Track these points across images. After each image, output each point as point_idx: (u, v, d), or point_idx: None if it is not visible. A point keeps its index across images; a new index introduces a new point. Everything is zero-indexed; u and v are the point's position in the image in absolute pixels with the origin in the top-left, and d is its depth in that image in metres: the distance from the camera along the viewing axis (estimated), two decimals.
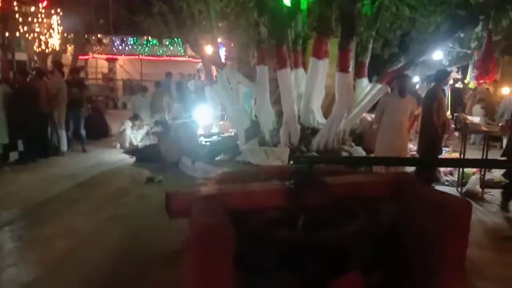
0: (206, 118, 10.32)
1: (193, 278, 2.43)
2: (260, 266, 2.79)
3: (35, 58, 12.40)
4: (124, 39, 20.84)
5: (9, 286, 3.06)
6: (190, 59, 19.86)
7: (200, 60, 14.71)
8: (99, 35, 20.08)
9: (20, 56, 8.99)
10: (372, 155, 6.05)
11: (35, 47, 11.84)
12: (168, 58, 20.57)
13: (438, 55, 12.34)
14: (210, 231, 2.32)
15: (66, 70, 10.40)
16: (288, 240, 2.67)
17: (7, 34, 9.70)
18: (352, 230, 2.75)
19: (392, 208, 3.23)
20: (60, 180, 6.43)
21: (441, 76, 6.13)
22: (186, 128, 8.72)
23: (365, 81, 7.71)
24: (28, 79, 8.23)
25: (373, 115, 7.99)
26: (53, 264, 3.46)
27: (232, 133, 9.22)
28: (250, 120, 7.89)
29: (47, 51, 12.07)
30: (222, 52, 12.11)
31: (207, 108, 10.43)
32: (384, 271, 2.86)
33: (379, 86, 7.36)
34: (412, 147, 8.15)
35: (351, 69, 6.70)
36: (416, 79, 17.03)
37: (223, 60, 8.84)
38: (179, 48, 20.44)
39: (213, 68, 9.97)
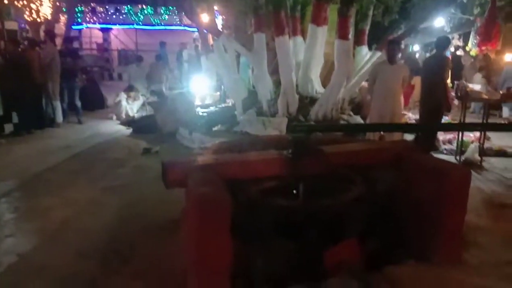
0: (203, 89, 10.18)
1: (191, 247, 2.42)
2: (257, 235, 2.79)
3: (27, 27, 12.08)
4: (119, 7, 20.33)
5: (7, 256, 3.05)
6: (186, 28, 19.45)
7: (196, 28, 14.42)
8: (92, 4, 19.56)
9: (10, 25, 8.73)
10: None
11: (26, 16, 11.52)
12: (163, 27, 20.13)
13: (439, 21, 12.05)
14: (207, 200, 2.29)
15: (59, 40, 10.17)
16: (286, 209, 2.65)
17: None
18: (349, 198, 2.74)
19: (389, 176, 3.22)
20: (56, 152, 6.38)
21: (443, 43, 5.98)
22: (182, 98, 8.60)
23: (364, 49, 7.55)
24: (20, 49, 8.03)
25: None
26: (50, 234, 3.45)
27: (230, 103, 9.12)
28: (248, 90, 7.77)
29: (38, 20, 11.74)
30: (219, 21, 11.83)
31: (204, 78, 10.28)
32: (380, 239, 2.87)
33: (379, 53, 7.22)
34: (411, 116, 8.09)
35: (350, 36, 6.53)
36: (416, 47, 16.75)
37: (219, 29, 8.63)
38: (175, 17, 19.98)
39: (210, 37, 9.76)
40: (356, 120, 6.77)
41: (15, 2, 10.80)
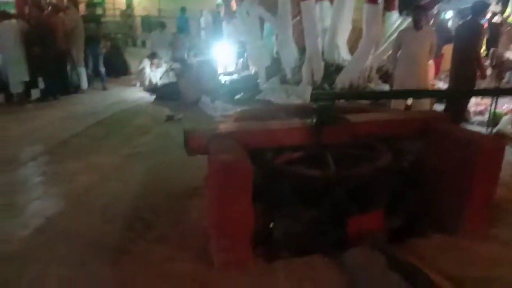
0: (225, 56, 10.03)
1: (213, 213, 2.43)
2: (279, 202, 2.77)
3: None
4: None
5: (34, 219, 3.13)
6: None
7: None
8: None
9: None
10: None
11: None
12: None
13: None
14: (229, 166, 2.27)
15: (82, 6, 10.13)
16: (309, 177, 2.60)
17: None
18: (373, 168, 2.66)
19: (417, 147, 3.11)
20: (81, 118, 6.46)
21: (479, 8, 5.62)
22: (205, 66, 8.52)
23: (395, 14, 7.20)
24: (44, 15, 8.05)
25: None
26: (76, 198, 3.52)
27: (252, 71, 8.97)
28: (271, 58, 7.60)
29: None
30: None
31: (226, 45, 10.11)
32: (405, 211, 2.80)
33: (409, 19, 6.88)
34: (442, 87, 7.77)
35: (380, 1, 6.22)
36: (449, 14, 15.92)
37: None
38: None
39: (233, 2, 9.52)
40: (384, 89, 6.54)
41: None
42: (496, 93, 4.97)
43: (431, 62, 5.37)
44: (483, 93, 5.38)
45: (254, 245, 2.52)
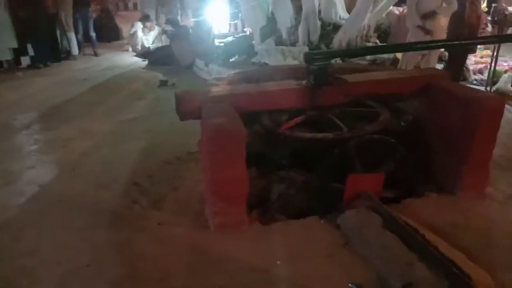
0: (220, 17, 9.74)
1: (208, 177, 2.39)
2: (274, 165, 2.74)
3: None
4: None
5: (29, 187, 3.11)
6: None
7: None
8: None
9: None
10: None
11: None
12: None
13: None
14: (221, 131, 2.21)
15: None
16: (304, 139, 2.55)
17: None
18: (370, 129, 2.61)
19: (416, 106, 3.05)
20: (73, 84, 6.35)
21: None
22: (199, 28, 8.28)
23: None
24: None
25: (400, 8, 7.39)
26: (70, 164, 3.49)
27: (247, 33, 8.74)
28: (266, 18, 7.36)
29: None
30: None
31: (220, 6, 9.80)
32: (403, 171, 2.77)
33: None
34: None
35: None
36: None
37: None
38: None
39: None
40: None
41: None
42: (496, 41, 4.84)
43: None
44: (484, 42, 5.23)
45: (250, 209, 2.51)
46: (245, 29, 9.41)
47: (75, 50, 8.39)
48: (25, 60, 7.58)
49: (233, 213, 2.36)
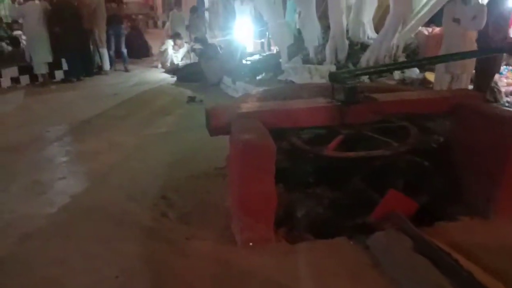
0: (247, 36, 9.88)
1: (235, 193, 2.40)
2: (302, 183, 2.72)
3: None
4: None
5: (59, 197, 3.19)
6: None
7: None
8: None
9: None
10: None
11: None
12: None
13: None
14: (251, 145, 2.22)
15: None
16: (332, 157, 2.53)
17: None
18: (400, 149, 2.57)
19: (446, 127, 2.99)
20: (104, 98, 6.53)
21: None
22: (227, 46, 8.42)
23: None
24: None
25: (430, 29, 7.32)
26: (99, 177, 3.56)
27: (274, 51, 8.82)
28: (294, 37, 7.42)
29: None
30: None
31: (247, 25, 9.95)
32: (433, 192, 2.71)
33: None
34: None
35: None
36: None
37: None
38: None
39: None
40: (411, 69, 6.32)
41: None
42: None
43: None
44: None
45: (277, 226, 2.49)
46: (272, 48, 9.50)
47: (107, 65, 8.66)
48: (59, 74, 7.87)
49: (260, 230, 2.35)
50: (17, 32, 9.50)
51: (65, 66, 7.85)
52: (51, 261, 2.36)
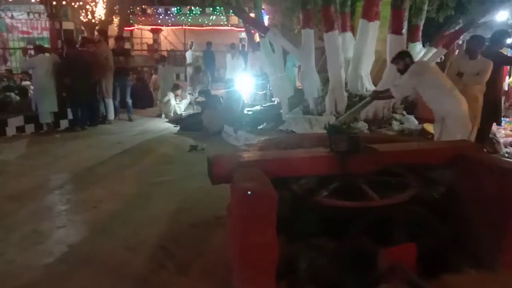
0: (248, 87, 10.17)
1: (235, 243, 2.36)
2: (303, 233, 2.68)
3: (82, 28, 12.70)
4: (168, 9, 20.85)
5: (58, 246, 3.15)
6: (233, 28, 19.62)
7: (242, 29, 14.43)
8: (143, 6, 20.19)
9: (67, 25, 9.19)
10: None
11: (81, 17, 12.11)
12: (210, 28, 20.41)
13: (502, 15, 11.21)
14: (252, 194, 2.22)
15: (111, 40, 10.56)
16: (334, 207, 2.52)
17: (54, 3, 9.93)
18: (402, 198, 2.57)
19: (448, 177, 3.00)
20: (107, 147, 6.60)
21: (498, 37, 5.61)
22: (229, 97, 8.64)
23: (419, 45, 7.18)
24: (76, 48, 8.41)
25: None
26: (99, 226, 3.52)
27: (275, 102, 9.04)
28: (294, 89, 7.64)
29: (93, 21, 12.30)
30: (266, 20, 11.80)
31: (249, 77, 10.27)
32: (437, 244, 2.66)
33: (434, 50, 6.86)
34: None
35: (404, 31, 6.23)
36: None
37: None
38: (222, 17, 20.19)
39: (256, 35, 9.74)
40: (409, 120, 6.43)
41: (72, 4, 11.37)
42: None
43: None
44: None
45: (279, 279, 2.43)
46: (273, 99, 9.74)
47: (111, 115, 8.82)
48: (64, 123, 8.00)
49: (262, 283, 2.28)
50: (25, 83, 9.80)
51: (70, 115, 8.00)
52: None
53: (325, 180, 2.81)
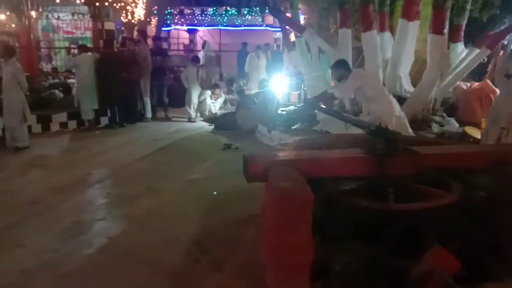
0: (283, 87, 10.15)
1: (269, 243, 2.37)
2: (338, 236, 2.65)
3: (122, 28, 13.11)
4: (204, 9, 21.15)
5: (98, 238, 3.27)
6: (268, 28, 19.65)
7: (278, 29, 14.44)
8: (180, 7, 20.58)
9: (109, 25, 9.52)
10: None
11: (122, 18, 12.50)
12: (246, 28, 20.53)
13: None
14: (288, 194, 2.21)
15: (150, 40, 10.82)
16: (372, 210, 2.48)
17: (97, 4, 10.31)
18: (442, 203, 2.49)
19: (490, 182, 2.88)
20: (144, 144, 6.78)
21: None
22: (263, 97, 8.66)
23: (460, 46, 6.93)
24: (116, 48, 8.67)
25: (468, 83, 7.26)
26: (137, 220, 3.63)
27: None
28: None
29: (133, 21, 12.67)
30: (301, 20, 11.74)
31: (283, 77, 10.26)
32: (477, 251, 2.57)
33: (477, 51, 6.60)
34: None
35: (445, 31, 6.03)
36: None
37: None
38: (257, 17, 20.27)
39: (292, 35, 9.72)
40: (450, 123, 6.23)
41: (114, 4, 11.76)
42: None
43: None
44: None
45: (312, 280, 2.42)
46: (308, 98, 9.67)
47: (149, 113, 9.06)
48: (104, 120, 8.29)
49: (295, 283, 2.28)
50: (70, 81, 10.21)
51: (109, 113, 8.27)
52: None
53: (361, 182, 2.77)
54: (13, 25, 11.67)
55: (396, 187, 2.68)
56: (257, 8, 17.75)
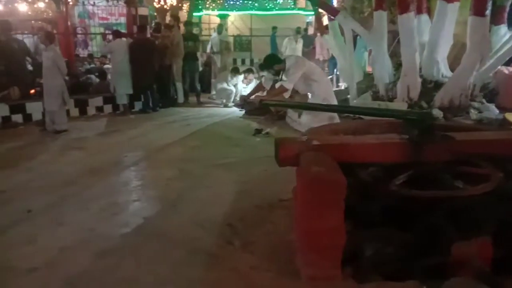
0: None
1: (302, 227, 2.38)
2: (371, 221, 2.63)
3: (155, 13, 13.24)
4: None
5: (133, 218, 3.37)
6: (300, 12, 19.38)
7: (310, 12, 14.19)
8: None
9: (142, 11, 9.66)
10: None
11: (155, 3, 12.62)
12: (276, 12, 20.30)
13: None
14: (321, 179, 2.21)
15: (181, 26, 10.89)
16: (405, 196, 2.43)
17: None
18: (479, 191, 2.41)
19: None
20: (177, 128, 6.90)
21: None
22: None
23: (503, 28, 6.62)
24: (144, 34, 8.77)
25: (510, 68, 6.93)
26: (170, 202, 3.71)
27: (342, 87, 8.84)
28: (363, 73, 7.41)
29: (165, 6, 12.78)
30: (335, 2, 11.51)
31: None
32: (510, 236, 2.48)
33: None
34: None
35: (488, 12, 5.75)
36: None
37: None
38: (289, 1, 19.99)
39: (324, 19, 9.53)
40: (489, 109, 5.98)
41: None
42: None
43: None
44: None
45: (343, 264, 2.42)
46: (339, 84, 9.53)
47: (181, 98, 9.19)
48: (137, 105, 8.47)
49: (326, 267, 2.29)
50: (106, 66, 10.47)
51: (143, 97, 8.45)
52: (122, 279, 2.48)
53: (396, 168, 2.71)
54: (50, 13, 12.02)
55: (429, 173, 2.62)
56: None
